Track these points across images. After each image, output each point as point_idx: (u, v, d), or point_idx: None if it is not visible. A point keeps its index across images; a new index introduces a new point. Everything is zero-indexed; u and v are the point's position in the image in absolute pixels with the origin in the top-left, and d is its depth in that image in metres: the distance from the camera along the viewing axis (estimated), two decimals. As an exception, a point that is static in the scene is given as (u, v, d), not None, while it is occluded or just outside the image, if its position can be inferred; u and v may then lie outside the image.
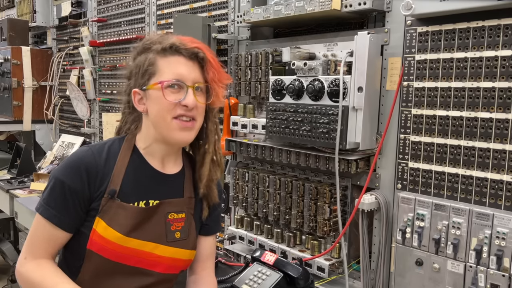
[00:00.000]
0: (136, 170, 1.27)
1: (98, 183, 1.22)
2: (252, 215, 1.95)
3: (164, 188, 1.31)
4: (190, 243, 1.34)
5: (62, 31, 3.77)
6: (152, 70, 1.23)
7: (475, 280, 1.25)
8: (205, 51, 1.25)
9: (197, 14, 2.29)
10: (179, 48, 1.22)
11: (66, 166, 1.23)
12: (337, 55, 1.64)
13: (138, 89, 1.25)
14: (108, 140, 1.33)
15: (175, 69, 1.22)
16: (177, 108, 1.21)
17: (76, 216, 1.22)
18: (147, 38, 1.28)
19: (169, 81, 1.21)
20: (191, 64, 1.24)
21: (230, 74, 2.08)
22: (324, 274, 1.63)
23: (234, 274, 1.71)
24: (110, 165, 1.25)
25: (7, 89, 3.68)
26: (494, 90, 1.25)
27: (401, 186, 1.48)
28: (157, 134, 1.26)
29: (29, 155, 3.70)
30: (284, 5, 1.68)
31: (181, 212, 1.32)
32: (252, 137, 1.98)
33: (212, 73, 1.24)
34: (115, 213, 1.22)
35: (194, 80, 1.23)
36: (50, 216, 1.20)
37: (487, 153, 1.28)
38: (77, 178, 1.20)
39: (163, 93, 1.20)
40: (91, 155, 1.24)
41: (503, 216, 1.21)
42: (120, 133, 1.37)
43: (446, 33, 1.34)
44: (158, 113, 1.23)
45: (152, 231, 1.26)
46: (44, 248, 1.22)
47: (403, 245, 1.41)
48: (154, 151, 1.30)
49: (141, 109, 1.26)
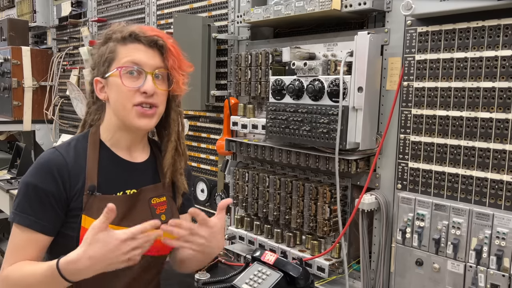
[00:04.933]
0: (107, 163, 1.28)
1: (72, 182, 1.22)
2: (252, 215, 1.95)
3: (137, 177, 1.32)
4: None
5: (62, 31, 3.77)
6: (111, 57, 1.24)
7: (475, 280, 1.25)
8: (164, 39, 1.26)
9: (197, 14, 2.29)
10: (138, 36, 1.24)
11: (36, 169, 1.22)
12: (337, 55, 1.64)
13: (99, 77, 1.27)
14: (72, 138, 1.33)
15: (133, 56, 1.23)
16: (137, 95, 1.22)
17: (56, 218, 1.21)
18: (109, 29, 1.30)
19: (127, 66, 1.22)
20: (150, 52, 1.25)
21: (230, 74, 2.08)
22: (324, 274, 1.63)
23: (234, 274, 1.71)
24: (81, 162, 1.25)
25: (7, 89, 3.68)
26: (494, 90, 1.25)
27: (401, 186, 1.48)
28: (119, 121, 1.27)
29: (29, 155, 3.71)
30: (284, 5, 1.68)
31: (162, 196, 1.35)
32: (252, 137, 1.98)
33: (172, 60, 1.25)
34: (100, 207, 1.20)
35: (153, 67, 1.24)
36: (30, 224, 1.19)
37: (487, 153, 1.28)
38: (50, 180, 1.19)
39: (121, 79, 1.21)
40: (59, 155, 1.24)
41: (503, 216, 1.21)
42: (85, 125, 1.38)
43: (446, 33, 1.34)
44: (118, 100, 1.24)
45: (140, 217, 1.27)
46: (25, 256, 1.20)
47: (403, 245, 1.41)
48: (119, 141, 1.31)
49: (102, 97, 1.28)
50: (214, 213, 2.28)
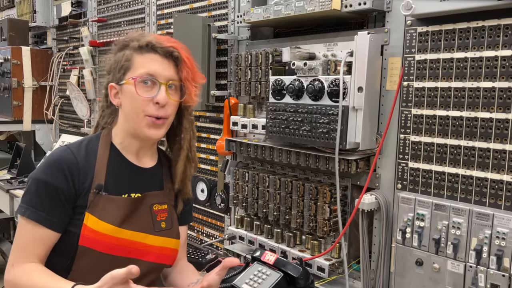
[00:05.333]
0: (116, 165, 1.31)
1: (81, 180, 1.25)
2: (252, 215, 1.95)
3: (143, 181, 1.35)
4: (174, 232, 1.40)
5: (62, 31, 3.76)
6: (127, 65, 1.27)
7: (475, 280, 1.25)
8: (180, 51, 1.29)
9: (197, 14, 2.29)
10: (155, 47, 1.27)
11: (48, 166, 1.24)
12: (337, 55, 1.64)
13: (114, 83, 1.30)
14: (84, 138, 1.37)
15: (149, 66, 1.26)
16: (150, 105, 1.25)
17: (65, 214, 1.23)
18: (127, 36, 1.33)
19: (142, 77, 1.25)
20: (166, 62, 1.28)
21: (230, 74, 2.08)
22: (324, 274, 1.63)
23: (234, 274, 1.71)
24: (91, 161, 1.28)
25: (7, 89, 3.67)
26: (494, 90, 1.25)
27: (401, 186, 1.48)
28: (130, 128, 1.31)
29: (29, 155, 3.70)
30: (284, 5, 1.68)
31: (163, 204, 1.38)
32: (252, 137, 1.98)
33: (186, 72, 1.28)
34: (104, 206, 1.24)
35: (168, 78, 1.27)
36: (40, 219, 1.21)
37: (487, 153, 1.28)
38: (60, 177, 1.22)
39: (135, 88, 1.24)
40: (70, 153, 1.27)
41: (503, 216, 1.21)
42: (98, 127, 1.42)
43: (446, 33, 1.34)
44: (131, 108, 1.27)
45: (141, 221, 1.30)
46: (33, 252, 1.22)
47: (403, 245, 1.41)
48: (129, 146, 1.34)
49: (116, 103, 1.31)
50: (214, 213, 2.29)
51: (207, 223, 2.36)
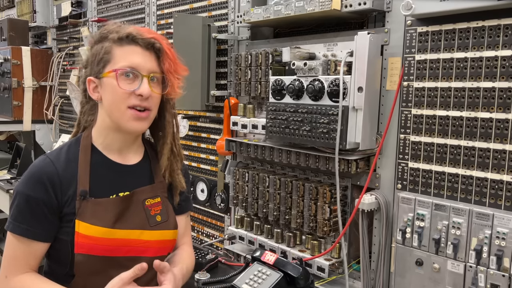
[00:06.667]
0: (98, 168, 1.28)
1: (64, 189, 1.22)
2: (252, 215, 1.95)
3: (130, 179, 1.32)
4: (171, 223, 1.37)
5: (62, 31, 3.76)
6: (107, 58, 1.23)
7: (475, 280, 1.25)
8: (161, 42, 1.26)
9: (197, 14, 2.29)
10: (135, 38, 1.23)
11: (28, 179, 1.22)
12: (337, 55, 1.64)
13: (93, 77, 1.26)
14: (64, 144, 1.33)
15: (130, 58, 1.22)
16: (132, 97, 1.22)
17: (49, 224, 1.22)
18: (105, 28, 1.28)
19: (123, 69, 1.21)
20: (147, 54, 1.24)
21: (230, 74, 2.08)
22: (324, 274, 1.63)
23: (234, 274, 1.71)
24: (72, 168, 1.25)
25: (7, 89, 3.67)
26: (494, 90, 1.25)
27: (401, 186, 1.48)
28: (112, 123, 1.27)
29: (29, 155, 3.70)
30: (284, 5, 1.68)
31: (156, 197, 1.35)
32: (252, 137, 1.98)
33: (168, 63, 1.25)
34: (94, 210, 1.22)
35: (150, 70, 1.24)
36: (22, 232, 1.20)
37: (487, 153, 1.28)
38: (41, 189, 1.20)
39: (117, 81, 1.21)
40: (50, 163, 1.24)
41: (503, 216, 1.21)
42: (80, 125, 1.38)
43: (446, 33, 1.34)
44: (112, 102, 1.23)
45: (135, 218, 1.28)
46: (25, 263, 1.22)
47: (403, 245, 1.41)
48: (111, 143, 1.31)
49: (95, 97, 1.27)
50: (214, 213, 2.29)
51: (207, 223, 2.36)
